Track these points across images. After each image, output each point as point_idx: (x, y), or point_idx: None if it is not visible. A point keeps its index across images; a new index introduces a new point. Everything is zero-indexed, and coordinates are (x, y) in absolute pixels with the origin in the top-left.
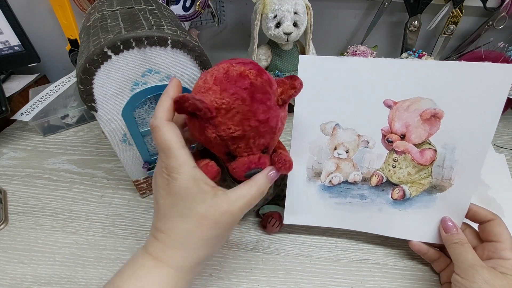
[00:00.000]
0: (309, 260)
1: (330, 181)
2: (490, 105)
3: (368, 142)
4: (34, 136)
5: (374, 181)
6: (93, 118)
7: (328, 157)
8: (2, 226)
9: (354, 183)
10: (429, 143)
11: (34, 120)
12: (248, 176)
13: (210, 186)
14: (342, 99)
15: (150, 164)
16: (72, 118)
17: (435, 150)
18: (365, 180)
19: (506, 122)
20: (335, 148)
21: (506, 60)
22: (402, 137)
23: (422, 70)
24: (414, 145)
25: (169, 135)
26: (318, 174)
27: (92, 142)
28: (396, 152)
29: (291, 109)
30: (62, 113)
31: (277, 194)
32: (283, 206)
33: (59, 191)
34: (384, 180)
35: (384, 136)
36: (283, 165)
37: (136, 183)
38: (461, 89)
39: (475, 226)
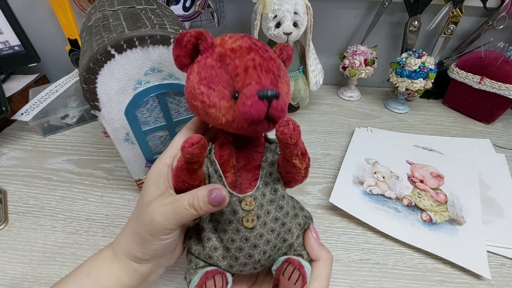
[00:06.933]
0: None
1: (370, 190)
2: (470, 172)
3: (398, 177)
4: (34, 136)
5: (405, 202)
6: (93, 118)
7: (369, 175)
8: (2, 226)
9: (390, 198)
10: (441, 190)
11: (34, 120)
12: (262, 97)
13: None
14: (380, 151)
15: (152, 163)
16: (72, 118)
17: (445, 195)
18: (398, 199)
19: (506, 122)
20: (375, 173)
21: (506, 60)
22: (421, 181)
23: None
24: (430, 188)
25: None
26: (361, 182)
27: (92, 142)
28: (419, 188)
29: (292, 109)
30: (62, 113)
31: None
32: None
33: (59, 191)
34: (413, 204)
35: (409, 177)
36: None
37: (138, 182)
38: (449, 160)
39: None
